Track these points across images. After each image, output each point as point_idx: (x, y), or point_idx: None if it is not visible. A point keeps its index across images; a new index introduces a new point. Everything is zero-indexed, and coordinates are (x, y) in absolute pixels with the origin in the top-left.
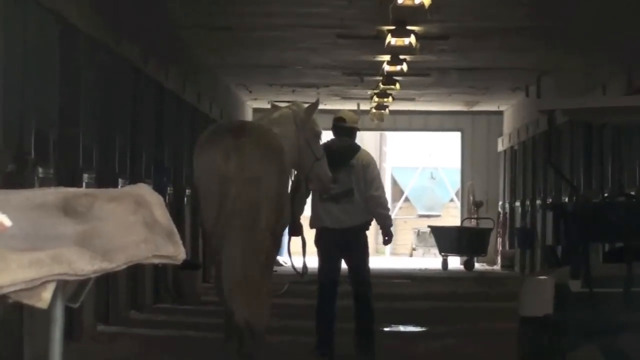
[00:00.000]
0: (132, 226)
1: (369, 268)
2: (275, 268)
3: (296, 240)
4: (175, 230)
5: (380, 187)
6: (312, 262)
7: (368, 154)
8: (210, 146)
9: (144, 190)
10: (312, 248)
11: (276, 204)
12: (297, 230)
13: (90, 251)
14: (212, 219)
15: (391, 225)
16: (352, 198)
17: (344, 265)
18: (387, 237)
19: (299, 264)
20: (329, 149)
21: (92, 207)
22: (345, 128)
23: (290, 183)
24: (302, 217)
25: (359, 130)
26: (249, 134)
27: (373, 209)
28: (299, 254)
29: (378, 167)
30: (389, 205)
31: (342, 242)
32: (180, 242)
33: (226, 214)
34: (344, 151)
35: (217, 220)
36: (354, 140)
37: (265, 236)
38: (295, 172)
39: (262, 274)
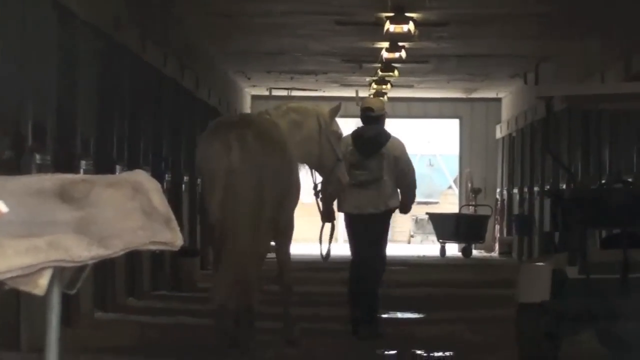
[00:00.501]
0: (129, 212)
1: (385, 252)
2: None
3: (327, 226)
4: (173, 217)
5: (414, 179)
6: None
7: (399, 142)
8: (213, 138)
9: (142, 176)
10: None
11: (279, 194)
12: (329, 217)
13: (87, 237)
14: (215, 209)
15: (413, 200)
16: (380, 185)
17: None
18: (405, 210)
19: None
20: (359, 137)
21: (89, 194)
22: (373, 117)
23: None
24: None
25: (386, 117)
26: (250, 126)
27: (404, 197)
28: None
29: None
30: None
31: (363, 227)
32: (177, 228)
33: (228, 204)
34: (375, 139)
35: (220, 211)
36: (383, 127)
37: (268, 226)
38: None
39: (261, 264)
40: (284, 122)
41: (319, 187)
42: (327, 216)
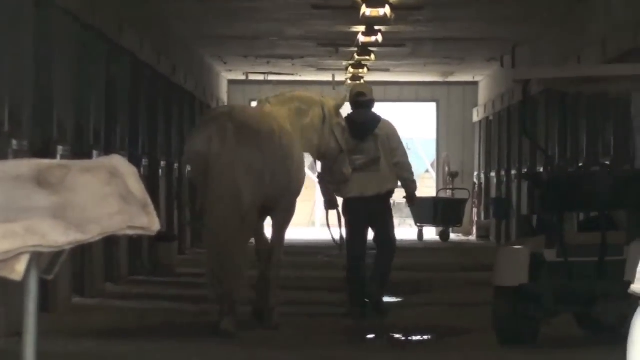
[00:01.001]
0: (106, 197)
1: (394, 234)
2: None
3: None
4: (150, 202)
5: (405, 154)
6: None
7: (390, 123)
8: (199, 128)
9: (118, 161)
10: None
11: (268, 181)
12: (332, 204)
13: (64, 223)
14: (201, 198)
15: (415, 189)
16: (378, 167)
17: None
18: (411, 201)
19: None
20: (352, 121)
21: (65, 179)
22: (365, 101)
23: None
24: None
25: (375, 101)
26: (233, 117)
27: (400, 174)
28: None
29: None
30: None
31: (368, 210)
32: (154, 213)
33: (209, 193)
34: (368, 122)
35: (204, 199)
36: (372, 110)
37: (250, 215)
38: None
39: (244, 249)
40: (285, 109)
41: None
42: (330, 204)
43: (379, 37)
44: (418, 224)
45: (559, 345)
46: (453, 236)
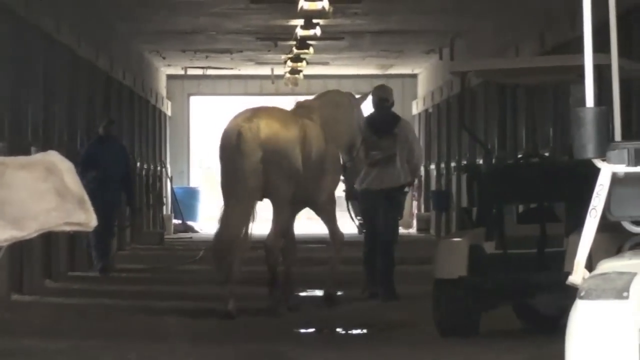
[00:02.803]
0: (43, 194)
1: (397, 227)
2: (191, 235)
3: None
4: (87, 198)
5: (421, 154)
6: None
7: (408, 123)
8: (229, 125)
9: (55, 157)
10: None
11: (292, 178)
12: (353, 194)
13: (1, 220)
14: (223, 188)
15: (410, 182)
16: (394, 162)
17: None
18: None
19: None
20: (374, 119)
21: (2, 175)
22: (387, 103)
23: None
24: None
25: (394, 102)
26: (260, 116)
27: (413, 170)
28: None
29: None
30: None
31: (378, 201)
32: (91, 209)
33: (229, 184)
34: (388, 121)
35: (225, 189)
36: (392, 110)
37: (281, 205)
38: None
39: (247, 235)
40: (317, 102)
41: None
42: (350, 194)
43: (318, 31)
44: (359, 217)
45: (499, 337)
46: None
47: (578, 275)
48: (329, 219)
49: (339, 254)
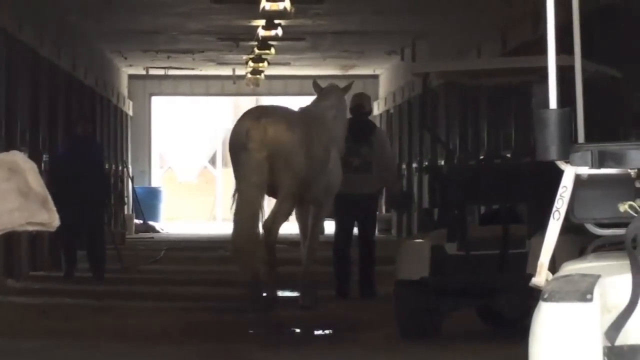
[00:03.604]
0: (5, 193)
1: (375, 229)
2: (152, 235)
3: None
4: (50, 197)
5: (394, 161)
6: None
7: (383, 132)
8: (237, 124)
9: (18, 157)
10: None
11: (296, 173)
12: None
13: None
14: (235, 183)
15: (399, 188)
16: (370, 169)
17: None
18: (394, 201)
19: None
20: (353, 126)
21: None
22: (364, 113)
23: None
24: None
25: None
26: (266, 114)
27: (386, 176)
28: None
29: None
30: None
31: (356, 206)
32: (54, 209)
33: (244, 183)
34: (366, 129)
35: (237, 184)
36: (369, 118)
37: (284, 203)
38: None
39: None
40: (322, 103)
41: None
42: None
43: (279, 31)
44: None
45: (462, 339)
46: (355, 230)
47: (541, 277)
48: (320, 216)
49: (313, 251)
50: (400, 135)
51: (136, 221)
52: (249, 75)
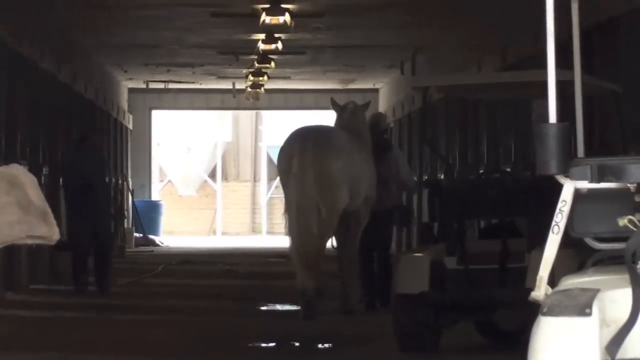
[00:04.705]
0: (5, 207)
1: (389, 245)
2: (152, 248)
3: None
4: (50, 211)
5: (410, 177)
6: None
7: (398, 149)
8: (284, 147)
9: (18, 170)
10: None
11: (342, 194)
12: None
13: None
14: (286, 207)
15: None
16: (386, 186)
17: None
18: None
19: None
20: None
21: None
22: (381, 131)
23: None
24: None
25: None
26: (313, 138)
27: (403, 191)
28: None
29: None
30: (266, 184)
31: (382, 219)
32: (54, 222)
33: (295, 206)
34: (383, 147)
35: (287, 205)
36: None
37: (330, 221)
38: None
39: (317, 249)
40: (357, 121)
41: None
42: None
43: (279, 45)
44: None
45: (461, 353)
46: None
47: (540, 291)
48: (359, 226)
49: (353, 262)
50: (400, 149)
51: (136, 235)
52: (249, 89)
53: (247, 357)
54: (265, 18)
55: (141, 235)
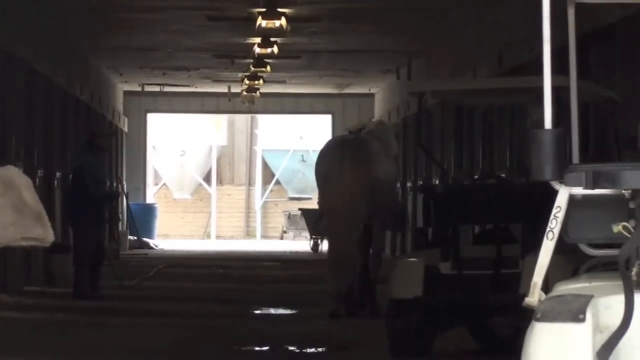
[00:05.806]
0: (0, 209)
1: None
2: (146, 251)
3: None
4: (44, 213)
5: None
6: None
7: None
8: (323, 158)
9: (13, 172)
10: None
11: (371, 199)
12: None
13: None
14: (325, 211)
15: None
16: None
17: None
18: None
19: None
20: None
21: None
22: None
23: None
24: None
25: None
26: (347, 147)
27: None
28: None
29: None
30: (261, 188)
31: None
32: (49, 224)
33: (333, 210)
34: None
35: (326, 213)
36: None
37: (360, 225)
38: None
39: (350, 253)
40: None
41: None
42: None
43: (275, 49)
44: (313, 236)
45: (454, 358)
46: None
47: (534, 297)
48: (383, 230)
49: (378, 265)
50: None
51: (130, 237)
52: (245, 93)
53: None
54: (261, 22)
55: (135, 238)
